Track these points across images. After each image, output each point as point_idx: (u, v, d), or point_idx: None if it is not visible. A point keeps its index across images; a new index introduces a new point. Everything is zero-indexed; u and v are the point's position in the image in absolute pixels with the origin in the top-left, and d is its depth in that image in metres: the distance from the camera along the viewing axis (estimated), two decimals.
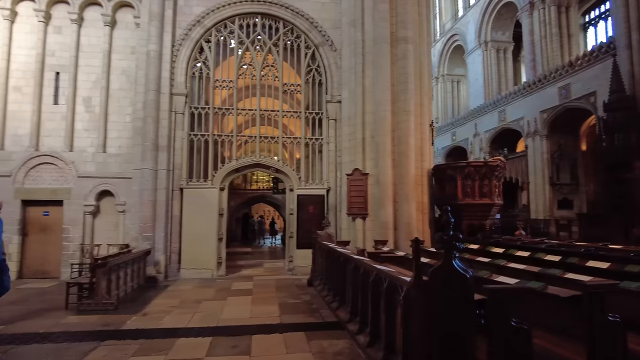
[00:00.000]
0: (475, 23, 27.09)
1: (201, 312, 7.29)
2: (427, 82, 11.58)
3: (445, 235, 3.30)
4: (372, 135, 10.70)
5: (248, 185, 28.93)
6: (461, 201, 10.78)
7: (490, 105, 24.15)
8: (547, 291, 3.95)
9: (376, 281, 4.80)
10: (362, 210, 10.71)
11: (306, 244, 10.84)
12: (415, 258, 3.32)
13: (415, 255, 3.33)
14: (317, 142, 11.88)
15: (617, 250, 6.64)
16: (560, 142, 20.39)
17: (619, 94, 14.57)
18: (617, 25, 15.52)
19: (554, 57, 20.73)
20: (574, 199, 20.40)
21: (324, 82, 11.99)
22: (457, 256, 3.32)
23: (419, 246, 3.37)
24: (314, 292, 8.72)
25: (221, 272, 11.19)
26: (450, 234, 3.30)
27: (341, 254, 6.63)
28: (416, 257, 3.33)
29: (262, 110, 11.76)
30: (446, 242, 3.29)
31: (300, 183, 11.58)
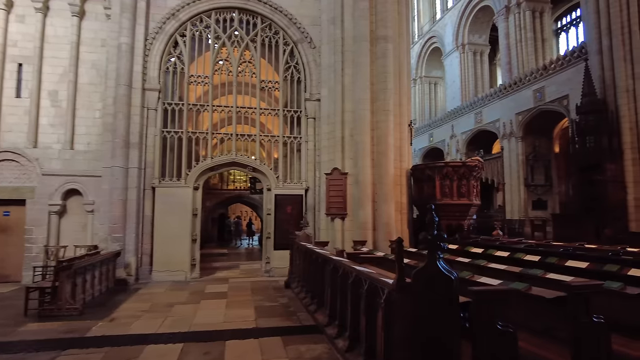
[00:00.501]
0: (453, 26, 27.41)
1: (173, 316, 6.94)
2: (406, 81, 11.51)
3: (429, 235, 3.13)
4: (351, 134, 10.55)
5: (225, 185, 28.41)
6: (439, 201, 10.73)
7: (466, 107, 24.43)
8: (531, 292, 3.84)
9: (356, 283, 4.61)
10: (341, 211, 10.54)
11: (284, 245, 10.59)
12: (398, 259, 3.15)
13: (398, 257, 3.15)
14: (295, 140, 11.65)
15: (594, 250, 6.67)
16: (535, 144, 20.79)
17: (591, 98, 14.90)
18: (588, 31, 15.90)
19: (529, 61, 21.13)
20: (548, 199, 20.83)
21: (302, 79, 11.77)
22: (442, 257, 3.16)
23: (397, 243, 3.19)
24: (292, 295, 8.48)
25: (195, 275, 10.81)
26: (435, 234, 3.14)
27: (319, 254, 6.43)
28: (399, 258, 3.15)
29: (239, 107, 11.45)
30: (430, 242, 3.13)
31: (278, 182, 11.31)
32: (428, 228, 3.18)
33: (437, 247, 3.14)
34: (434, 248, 3.14)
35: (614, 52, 14.59)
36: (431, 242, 3.12)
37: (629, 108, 14.18)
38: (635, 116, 14.07)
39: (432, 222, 3.17)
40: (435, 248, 3.14)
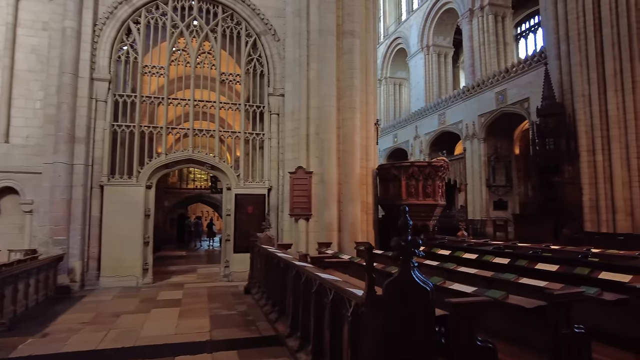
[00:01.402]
0: (418, 27, 27.64)
1: (118, 328, 6.26)
2: (372, 79, 11.24)
3: (403, 240, 2.75)
4: (316, 132, 10.13)
5: (184, 184, 27.37)
6: (405, 201, 10.52)
7: (430, 109, 24.65)
8: (509, 301, 3.55)
9: (320, 292, 4.18)
10: (305, 211, 10.09)
11: (244, 247, 10.01)
12: (369, 269, 2.74)
13: (369, 266, 2.74)
14: (257, 137, 11.09)
15: (561, 252, 6.59)
16: (496, 146, 21.22)
17: (550, 101, 15.25)
18: (547, 37, 16.28)
19: (492, 63, 21.54)
20: (508, 200, 21.33)
21: (265, 73, 11.23)
22: (416, 265, 2.79)
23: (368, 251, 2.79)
24: (251, 301, 7.95)
25: (147, 280, 10.04)
26: (409, 239, 2.76)
27: (281, 259, 5.96)
28: (369, 268, 2.74)
29: (197, 100, 10.75)
30: (404, 248, 2.74)
31: (239, 181, 10.71)
32: (401, 231, 2.79)
33: (411, 254, 2.76)
34: (408, 255, 2.75)
35: (571, 57, 14.99)
36: (405, 248, 2.74)
37: (584, 112, 14.59)
38: (591, 120, 14.51)
39: (406, 226, 2.79)
40: (410, 255, 2.76)
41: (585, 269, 4.86)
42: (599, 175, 14.19)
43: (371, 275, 2.72)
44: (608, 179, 14.06)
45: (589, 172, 14.35)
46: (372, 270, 2.73)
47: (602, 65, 14.39)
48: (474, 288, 4.13)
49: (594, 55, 14.49)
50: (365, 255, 7.41)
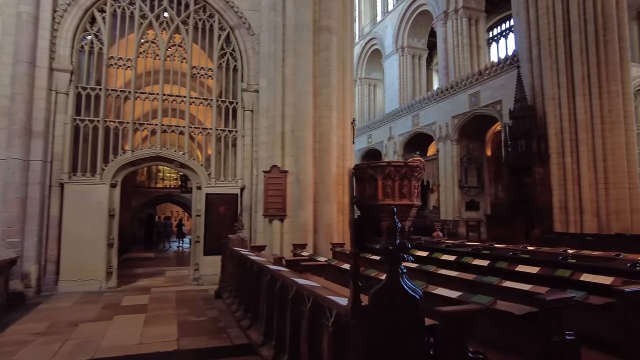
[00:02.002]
0: (393, 28, 27.74)
1: (75, 339, 5.76)
2: (349, 77, 11.04)
3: (391, 244, 2.50)
4: (292, 130, 9.83)
5: (153, 183, 26.43)
6: (381, 202, 10.38)
7: (404, 110, 24.76)
8: (497, 307, 3.36)
9: (297, 299, 3.89)
10: (280, 211, 9.76)
11: (215, 249, 9.58)
12: (354, 276, 2.47)
13: (354, 273, 2.48)
14: (230, 134, 10.66)
15: (539, 253, 6.56)
16: (469, 147, 21.49)
17: (522, 104, 15.49)
18: (519, 41, 16.55)
19: (465, 66, 21.81)
20: (480, 201, 21.64)
21: (239, 68, 10.82)
22: (405, 271, 2.54)
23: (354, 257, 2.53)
24: (223, 307, 7.56)
25: (111, 284, 9.46)
26: (397, 243, 2.51)
27: (254, 262, 5.63)
28: (355, 275, 2.48)
29: (166, 95, 10.24)
30: (392, 253, 2.49)
31: (210, 180, 10.26)
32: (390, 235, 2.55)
33: (400, 260, 2.52)
34: (397, 261, 2.51)
35: (542, 61, 15.27)
36: (393, 253, 2.49)
37: (554, 115, 14.89)
38: (560, 123, 14.81)
39: (394, 228, 2.54)
40: (398, 261, 2.51)
41: (566, 271, 4.77)
42: (567, 176, 14.50)
43: (357, 283, 2.46)
44: (576, 180, 14.38)
45: (559, 174, 14.64)
46: (357, 277, 2.47)
47: (571, 70, 14.73)
48: (458, 293, 3.95)
49: (563, 60, 14.81)
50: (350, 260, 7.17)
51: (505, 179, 16.33)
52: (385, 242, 2.52)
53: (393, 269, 2.50)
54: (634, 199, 14.33)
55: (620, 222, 13.89)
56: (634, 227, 13.95)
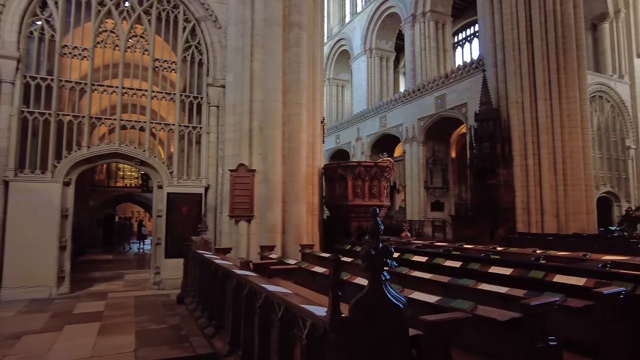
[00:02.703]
0: (362, 30, 27.82)
1: (16, 354, 5.19)
2: (319, 75, 10.81)
3: (373, 248, 2.27)
4: (260, 127, 9.48)
5: (113, 182, 25.25)
6: (351, 202, 10.23)
7: (372, 111, 24.87)
8: (479, 313, 3.22)
9: (266, 307, 3.60)
10: (247, 212, 9.39)
11: (178, 252, 9.08)
12: (334, 286, 2.22)
13: (334, 283, 2.23)
14: (194, 131, 10.17)
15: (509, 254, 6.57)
16: (434, 149, 21.82)
17: (487, 107, 15.81)
18: (485, 45, 16.91)
19: (432, 69, 22.12)
20: (445, 201, 22.02)
21: (205, 62, 10.35)
22: (389, 278, 2.33)
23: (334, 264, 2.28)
24: (185, 313, 7.12)
25: (64, 289, 8.78)
26: (380, 247, 2.29)
27: (219, 267, 5.28)
28: (335, 284, 2.23)
29: (126, 88, 9.64)
30: (374, 259, 2.26)
31: (172, 179, 9.74)
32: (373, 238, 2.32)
33: (383, 266, 2.29)
34: (379, 267, 2.28)
35: (507, 66, 15.65)
36: (375, 258, 2.27)
37: (518, 118, 15.28)
38: (523, 126, 15.22)
39: (377, 231, 2.32)
40: (381, 267, 2.29)
41: (539, 272, 4.74)
42: (530, 178, 14.92)
43: (337, 293, 2.21)
44: (538, 182, 14.82)
45: (521, 176, 15.03)
46: (338, 287, 2.22)
47: (534, 75, 15.18)
48: (436, 297, 3.79)
49: (526, 65, 15.24)
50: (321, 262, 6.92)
51: (470, 181, 16.62)
52: (367, 246, 2.29)
53: (375, 276, 2.27)
54: (590, 201, 14.93)
55: (577, 222, 14.43)
56: (589, 227, 14.54)
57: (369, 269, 2.27)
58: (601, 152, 17.67)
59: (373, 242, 2.29)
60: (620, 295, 3.51)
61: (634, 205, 18.60)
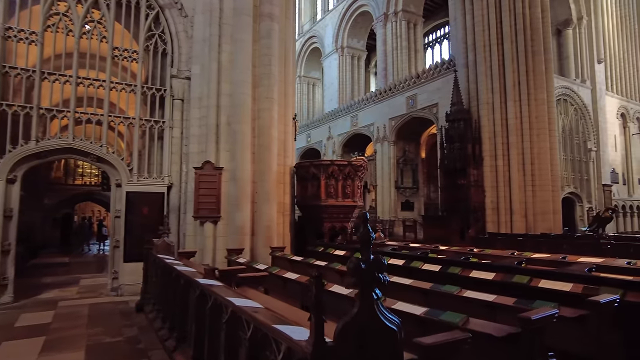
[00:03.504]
0: (333, 28, 27.55)
1: None
2: (291, 69, 10.38)
3: (363, 262, 1.89)
4: (228, 122, 8.94)
5: (71, 180, 23.90)
6: (324, 202, 9.87)
7: (344, 110, 24.66)
8: (471, 327, 2.90)
9: (233, 323, 3.16)
10: (213, 213, 8.83)
11: (137, 255, 8.38)
12: (316, 308, 1.82)
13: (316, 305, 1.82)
14: (157, 125, 9.49)
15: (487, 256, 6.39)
16: (405, 149, 21.82)
17: (459, 107, 15.83)
18: (456, 46, 16.95)
19: (403, 69, 22.09)
20: (415, 201, 22.08)
21: (169, 52, 9.68)
22: (381, 297, 1.95)
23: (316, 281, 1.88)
24: (144, 323, 6.52)
25: (6, 299, 7.94)
26: (371, 260, 1.91)
27: (181, 274, 4.76)
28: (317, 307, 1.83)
29: (82, 78, 8.86)
30: (365, 274, 1.88)
31: (132, 177, 9.03)
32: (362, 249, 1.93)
33: (374, 283, 1.91)
34: (370, 283, 1.90)
35: (478, 66, 15.74)
36: (366, 274, 1.88)
37: (488, 119, 15.40)
38: (493, 127, 15.35)
39: (368, 240, 1.94)
40: (372, 283, 1.91)
41: (523, 277, 4.52)
42: (499, 179, 15.06)
43: (320, 318, 1.81)
44: (507, 182, 14.98)
45: (491, 176, 15.15)
46: (322, 310, 1.82)
47: (504, 77, 15.34)
48: (422, 308, 3.46)
49: (497, 66, 15.38)
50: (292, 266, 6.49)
51: (441, 180, 16.63)
52: (355, 258, 1.91)
53: (366, 293, 1.89)
54: (556, 201, 15.24)
55: (545, 222, 14.68)
56: (556, 227, 14.83)
57: (358, 285, 1.88)
58: (565, 154, 18.13)
59: (363, 253, 1.91)
60: (614, 304, 3.29)
61: (594, 206, 19.25)
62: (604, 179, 19.50)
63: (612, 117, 21.25)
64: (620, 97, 22.20)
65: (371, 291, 1.91)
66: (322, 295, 1.82)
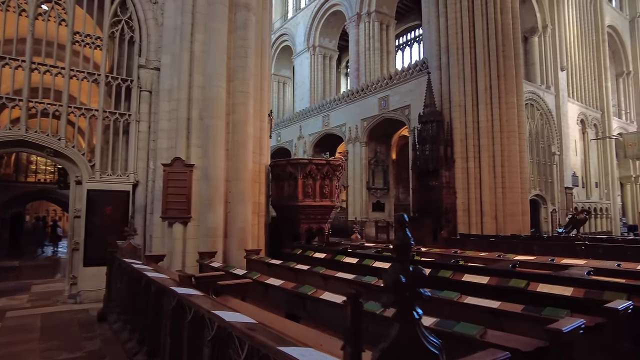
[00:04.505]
0: (305, 26, 27.21)
1: None
2: (267, 63, 9.95)
3: (403, 273, 1.55)
4: (200, 116, 8.39)
5: (22, 177, 22.24)
6: (301, 202, 9.51)
7: (315, 110, 24.37)
8: (489, 339, 2.63)
9: (221, 341, 2.73)
10: (183, 213, 8.24)
11: (99, 259, 7.68)
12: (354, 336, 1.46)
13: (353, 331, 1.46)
14: (122, 118, 8.78)
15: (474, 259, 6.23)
16: (376, 150, 21.79)
17: (431, 109, 15.90)
18: (430, 48, 17.03)
19: (375, 70, 22.06)
20: (386, 202, 22.08)
21: (137, 40, 9.00)
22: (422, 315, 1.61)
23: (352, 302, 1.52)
24: (108, 334, 5.91)
25: None
26: (412, 272, 1.57)
27: (153, 281, 4.26)
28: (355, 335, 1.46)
29: (37, 63, 8.04)
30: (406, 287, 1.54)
31: (94, 173, 8.30)
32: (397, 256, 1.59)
33: (416, 300, 1.58)
34: (412, 302, 1.56)
35: (451, 69, 15.86)
36: (408, 287, 1.54)
37: (460, 121, 15.53)
38: (465, 129, 15.50)
39: (407, 247, 1.60)
40: (414, 302, 1.57)
41: (520, 281, 4.34)
42: (470, 180, 15.21)
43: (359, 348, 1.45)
44: (478, 184, 15.15)
45: (462, 178, 15.29)
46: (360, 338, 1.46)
47: (476, 80, 15.52)
48: (432, 319, 3.17)
49: (469, 69, 15.54)
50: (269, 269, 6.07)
51: (413, 182, 16.65)
52: (392, 270, 1.56)
53: (407, 314, 1.54)
54: (525, 203, 15.58)
55: (514, 223, 14.95)
56: (524, 228, 15.15)
57: (396, 303, 1.53)
58: (532, 157, 18.61)
59: (401, 263, 1.57)
60: (628, 310, 3.13)
61: (557, 208, 19.93)
62: (566, 182, 20.21)
63: (573, 123, 22.12)
64: (580, 104, 23.15)
65: (412, 310, 1.57)
66: (361, 319, 1.46)
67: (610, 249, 8.74)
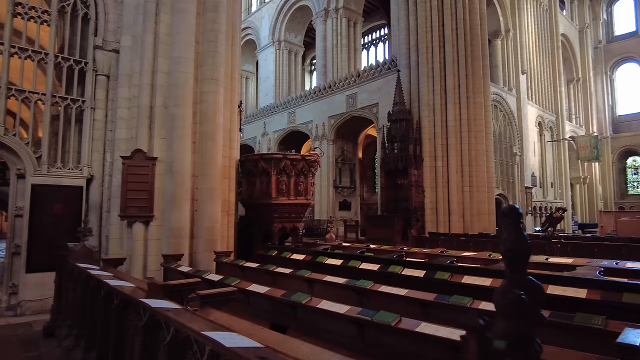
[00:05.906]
0: (270, 20, 26.49)
1: None
2: (238, 50, 9.26)
3: (525, 289, 1.08)
4: (164, 105, 7.59)
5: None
6: (274, 200, 8.92)
7: (280, 106, 23.77)
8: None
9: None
10: (144, 211, 7.41)
11: (46, 263, 6.72)
12: None
13: None
14: (74, 105, 7.77)
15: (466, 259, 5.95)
16: (343, 148, 21.51)
17: (401, 107, 15.77)
18: (398, 46, 16.90)
19: (343, 67, 21.77)
20: (352, 201, 21.86)
21: (92, 17, 8.02)
22: None
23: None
24: (57, 352, 5.06)
25: None
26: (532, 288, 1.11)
27: (115, 291, 3.56)
28: None
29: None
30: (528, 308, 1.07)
31: (41, 166, 7.27)
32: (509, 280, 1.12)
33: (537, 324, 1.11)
34: (532, 327, 1.10)
35: (420, 68, 15.79)
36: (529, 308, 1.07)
37: (429, 120, 15.50)
38: (433, 128, 15.48)
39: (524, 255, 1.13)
40: (535, 323, 1.11)
41: None
42: (438, 179, 15.21)
43: None
44: (446, 183, 15.17)
45: (431, 177, 15.27)
46: None
47: (445, 79, 15.53)
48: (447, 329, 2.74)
49: (438, 68, 15.54)
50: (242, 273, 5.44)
51: (382, 180, 16.47)
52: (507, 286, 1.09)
53: (529, 345, 1.08)
54: (491, 202, 15.77)
55: (481, 222, 15.10)
56: (490, 227, 15.32)
57: (518, 332, 1.06)
58: (495, 157, 18.97)
59: (519, 275, 1.10)
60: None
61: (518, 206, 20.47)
62: (526, 181, 20.84)
63: (532, 125, 22.89)
64: (538, 107, 24.02)
65: (533, 340, 1.11)
66: None
67: (581, 246, 8.86)
